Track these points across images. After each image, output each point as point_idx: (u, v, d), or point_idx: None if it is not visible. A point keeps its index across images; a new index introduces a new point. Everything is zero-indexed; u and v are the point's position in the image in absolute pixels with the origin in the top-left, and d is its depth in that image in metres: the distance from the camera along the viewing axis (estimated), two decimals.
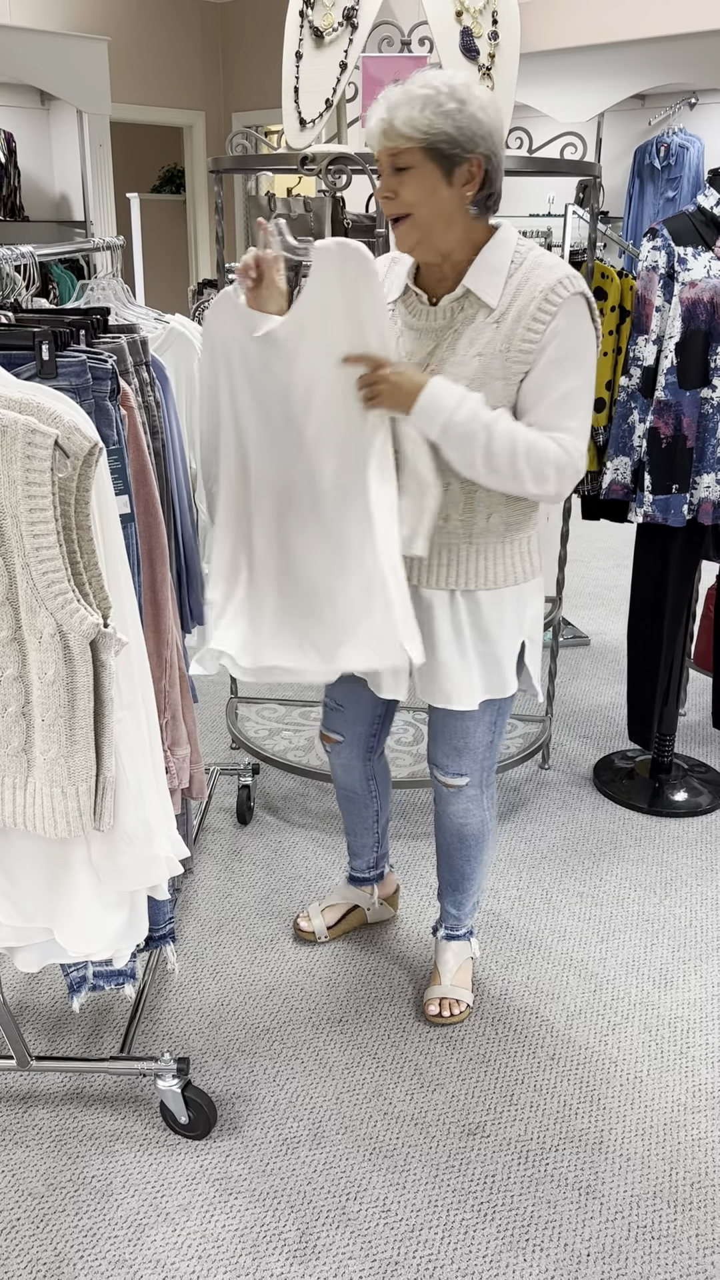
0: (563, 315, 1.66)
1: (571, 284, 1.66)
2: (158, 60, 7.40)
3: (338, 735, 2.18)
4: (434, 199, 1.63)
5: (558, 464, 1.68)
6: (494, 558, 1.82)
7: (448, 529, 1.81)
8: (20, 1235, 1.71)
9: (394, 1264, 1.67)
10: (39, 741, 1.48)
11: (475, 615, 1.85)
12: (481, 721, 1.95)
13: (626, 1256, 1.69)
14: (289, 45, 2.39)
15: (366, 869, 2.41)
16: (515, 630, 1.89)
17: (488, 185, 1.65)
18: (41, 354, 1.47)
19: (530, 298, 1.67)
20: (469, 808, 2.06)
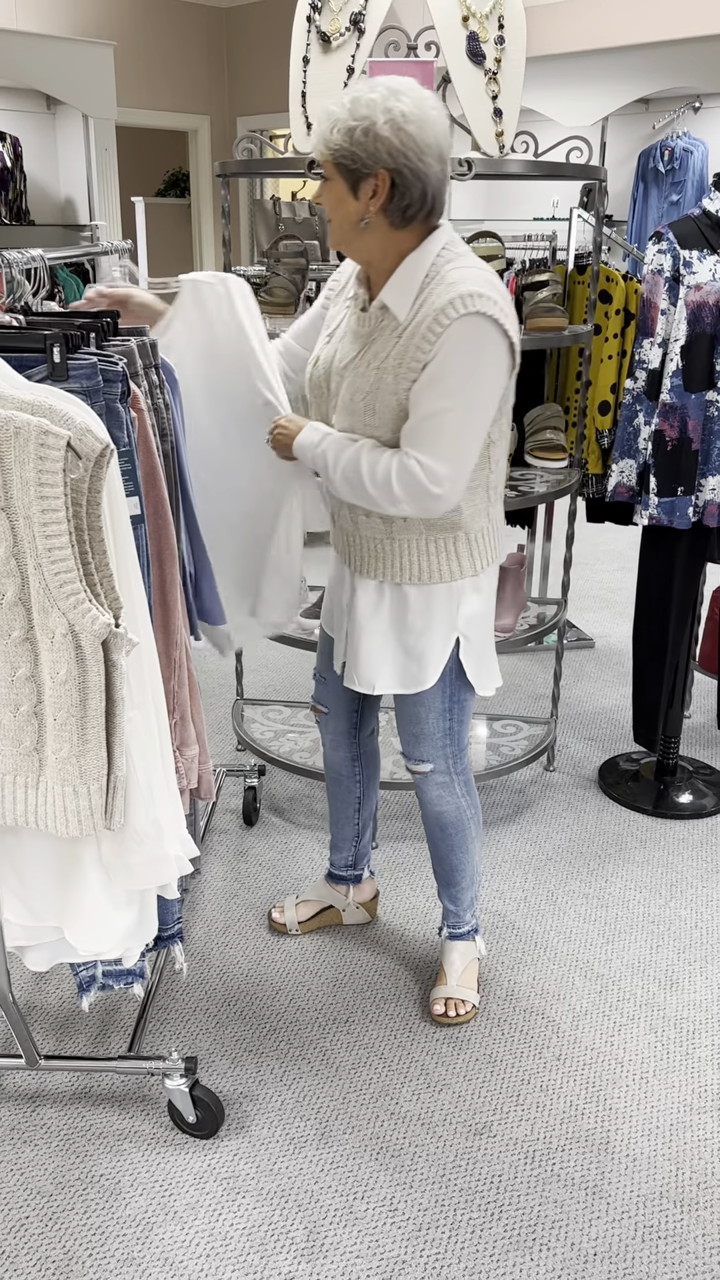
0: (449, 335, 1.68)
1: (465, 304, 1.67)
2: (163, 65, 7.43)
3: (324, 707, 2.26)
4: (341, 209, 1.72)
5: (401, 481, 1.73)
6: (416, 555, 1.88)
7: (370, 523, 1.89)
8: (29, 1233, 1.72)
9: (401, 1263, 1.68)
10: (51, 741, 1.49)
11: (400, 607, 1.93)
12: (433, 708, 2.00)
13: (633, 1256, 1.69)
14: (296, 50, 2.40)
15: (345, 866, 2.42)
16: (445, 627, 1.93)
17: (400, 198, 1.68)
18: (53, 356, 1.48)
19: (426, 315, 1.70)
20: (441, 794, 2.09)
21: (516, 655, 4.09)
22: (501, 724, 3.24)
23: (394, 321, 1.76)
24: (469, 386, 1.69)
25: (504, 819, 2.94)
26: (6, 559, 1.41)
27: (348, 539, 1.97)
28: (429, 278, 1.72)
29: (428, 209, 1.71)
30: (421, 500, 1.74)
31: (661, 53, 5.72)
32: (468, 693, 2.01)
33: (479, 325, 1.68)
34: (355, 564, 1.97)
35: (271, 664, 3.97)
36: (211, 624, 2.09)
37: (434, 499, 1.73)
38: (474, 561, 1.91)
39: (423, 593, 1.91)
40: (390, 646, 1.97)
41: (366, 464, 1.75)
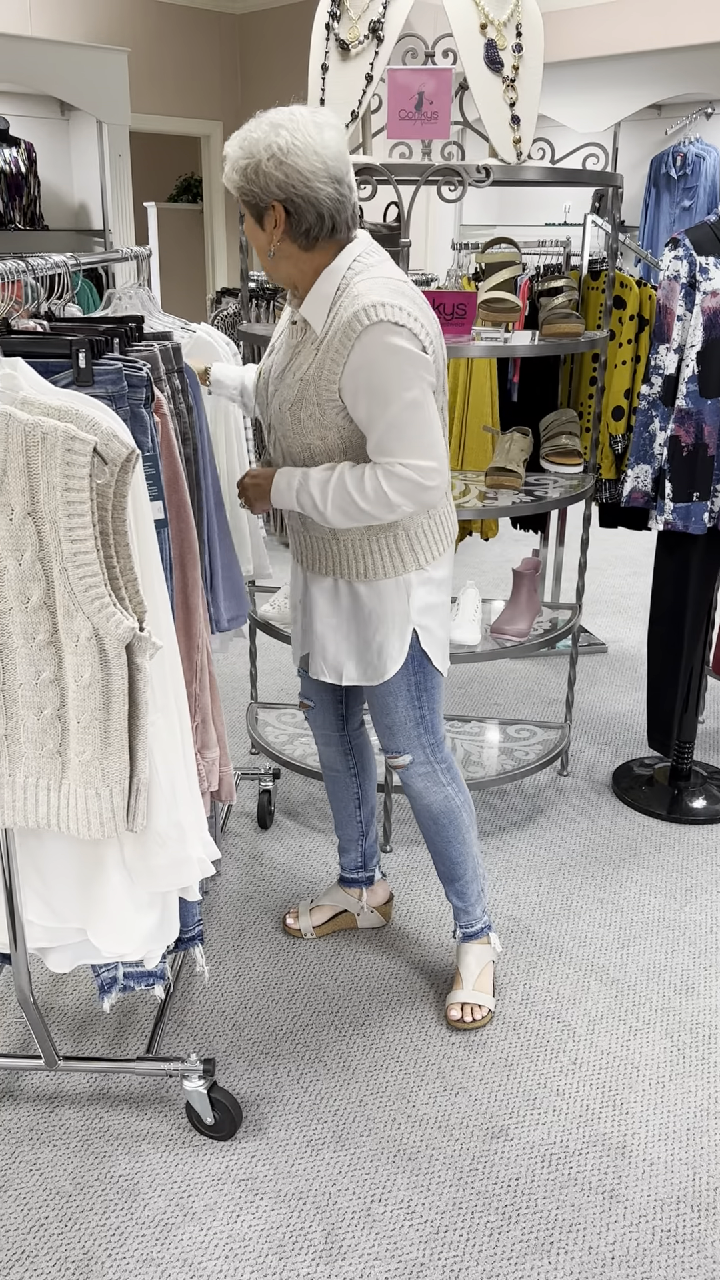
0: (358, 350, 1.74)
1: (369, 314, 1.72)
2: (176, 71, 7.46)
3: (310, 701, 2.30)
4: (255, 239, 1.83)
5: (394, 489, 1.79)
6: (360, 554, 1.95)
7: (316, 525, 1.97)
8: (49, 1233, 1.73)
9: (420, 1265, 1.69)
10: (74, 743, 1.50)
11: (354, 602, 2.00)
12: (400, 697, 2.04)
13: (651, 1261, 1.70)
14: (315, 57, 2.42)
15: (354, 868, 2.44)
16: (399, 619, 1.98)
17: (298, 224, 1.76)
18: (79, 362, 1.50)
19: (337, 329, 1.77)
20: (427, 785, 2.12)
21: (529, 660, 4.09)
22: (515, 729, 3.24)
23: (314, 335, 1.83)
24: (402, 384, 1.75)
25: (518, 824, 2.94)
26: (33, 563, 1.43)
27: (299, 540, 2.05)
28: (340, 291, 1.79)
29: (329, 227, 1.77)
30: (418, 497, 1.81)
31: (674, 59, 5.73)
32: (434, 680, 2.06)
33: (386, 330, 1.73)
34: (308, 563, 2.04)
35: (285, 668, 3.98)
36: (224, 630, 2.11)
37: (430, 492, 1.81)
38: (416, 557, 1.97)
39: (371, 588, 1.97)
40: (350, 640, 2.03)
41: (353, 486, 1.80)
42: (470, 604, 2.92)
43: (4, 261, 1.83)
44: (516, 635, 2.83)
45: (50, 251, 2.39)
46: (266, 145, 1.71)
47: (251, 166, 1.73)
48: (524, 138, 2.43)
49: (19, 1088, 2.01)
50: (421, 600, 1.99)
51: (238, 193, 1.78)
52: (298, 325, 1.88)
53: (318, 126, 1.72)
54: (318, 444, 1.85)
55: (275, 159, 1.70)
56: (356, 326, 1.73)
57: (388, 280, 1.77)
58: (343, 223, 1.78)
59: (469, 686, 3.85)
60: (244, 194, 1.77)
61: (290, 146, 1.70)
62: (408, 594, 1.97)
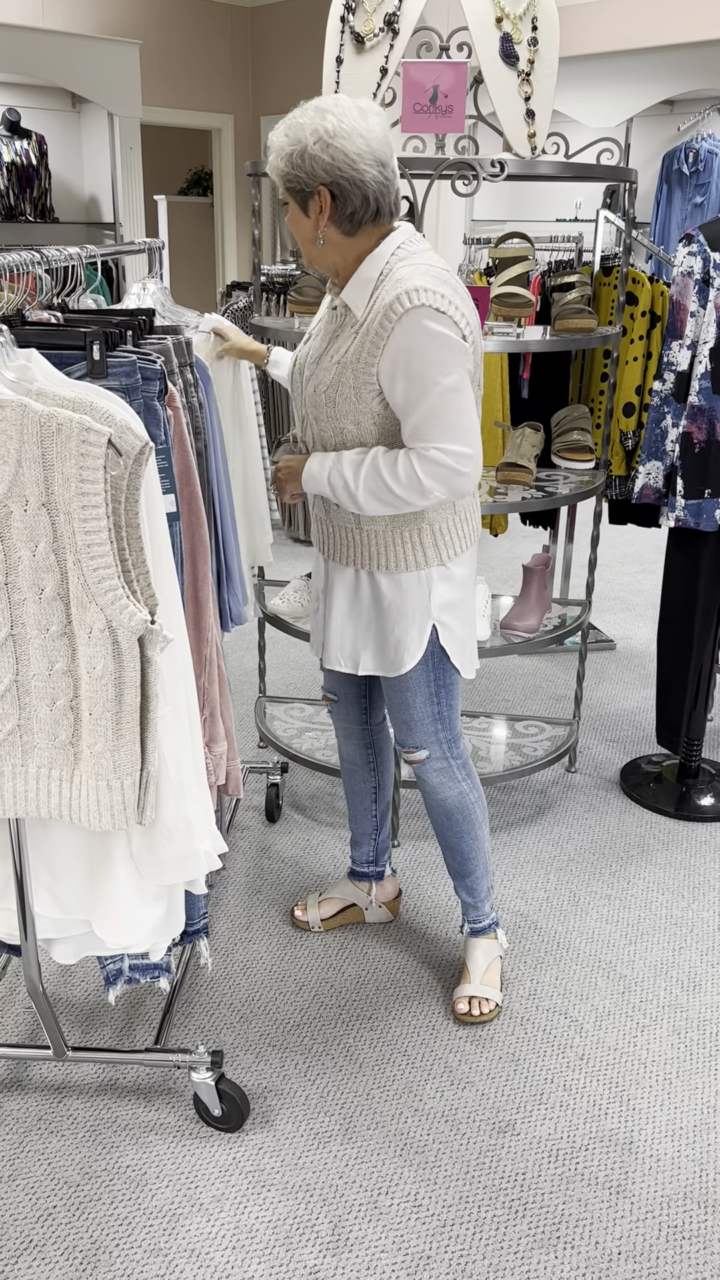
0: (399, 333, 1.75)
1: (410, 298, 1.73)
2: (188, 64, 7.45)
3: (333, 694, 2.30)
4: (300, 227, 1.83)
5: (429, 474, 1.79)
6: (384, 545, 1.94)
7: (340, 513, 1.97)
8: (57, 1223, 1.74)
9: (426, 1258, 1.69)
10: (86, 735, 1.50)
11: (374, 593, 1.99)
12: (419, 693, 2.04)
13: (657, 1256, 1.70)
14: (330, 50, 2.41)
15: (366, 862, 2.44)
16: (419, 614, 1.98)
17: (343, 208, 1.77)
18: (93, 354, 1.50)
19: (377, 313, 1.78)
20: (442, 781, 2.12)
21: (538, 657, 4.09)
22: (523, 725, 3.24)
23: (354, 319, 1.84)
24: (441, 369, 1.75)
25: (526, 819, 2.94)
26: (47, 554, 1.43)
27: (322, 528, 2.04)
28: (382, 276, 1.80)
29: (373, 211, 1.79)
30: (453, 483, 1.80)
31: (687, 54, 5.71)
32: (453, 677, 2.06)
33: (427, 315, 1.74)
34: (330, 552, 2.03)
35: (294, 662, 3.98)
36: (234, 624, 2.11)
37: (464, 479, 1.80)
38: (439, 552, 1.96)
39: (393, 580, 1.97)
40: (368, 630, 2.03)
41: (386, 469, 1.80)
42: (480, 600, 2.91)
43: (18, 253, 1.83)
44: (526, 631, 2.83)
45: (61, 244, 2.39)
46: (313, 130, 1.72)
47: (298, 152, 1.73)
48: (539, 132, 2.42)
49: (28, 1078, 2.02)
50: (442, 596, 1.99)
51: (283, 180, 1.78)
52: (337, 311, 1.89)
53: (362, 112, 1.74)
54: (351, 429, 1.84)
55: (322, 142, 1.71)
56: (398, 309, 1.74)
57: (430, 267, 1.78)
58: (386, 207, 1.79)
59: (477, 682, 3.85)
60: (289, 180, 1.77)
61: (337, 130, 1.71)
62: (429, 589, 1.97)
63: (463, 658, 2.05)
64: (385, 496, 1.81)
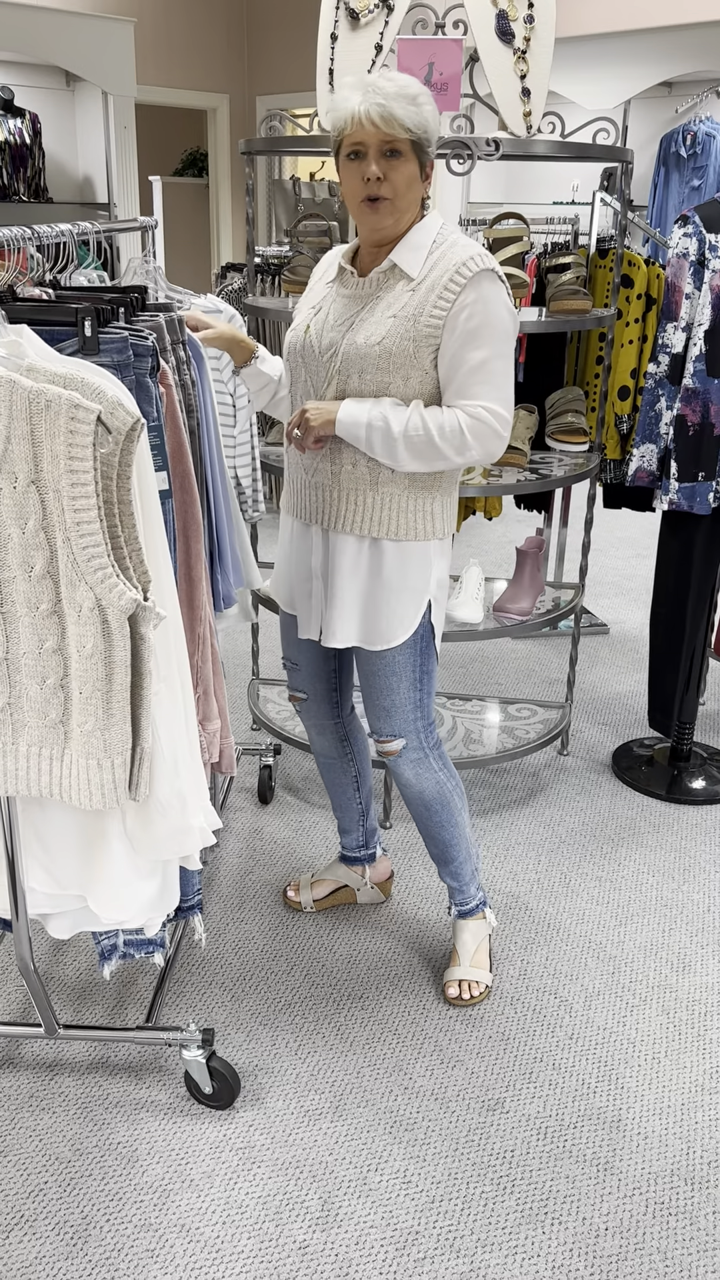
0: (471, 289, 1.79)
1: (480, 261, 1.79)
2: (183, 43, 7.39)
3: (301, 693, 2.27)
4: (412, 189, 1.81)
5: (473, 431, 1.81)
6: (398, 509, 1.93)
7: (355, 474, 1.92)
8: (48, 1198, 1.75)
9: (414, 1234, 1.70)
10: (76, 714, 1.50)
11: (377, 563, 1.96)
12: (405, 677, 2.03)
13: (644, 1232, 1.71)
14: (324, 26, 2.39)
15: (356, 847, 2.44)
16: (419, 587, 1.97)
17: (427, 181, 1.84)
18: (84, 330, 1.49)
19: (444, 270, 1.81)
20: (419, 772, 2.11)
21: (531, 640, 4.09)
22: (516, 708, 3.25)
23: (403, 278, 1.84)
24: (499, 336, 1.80)
25: (518, 802, 2.95)
26: (36, 532, 1.42)
27: (323, 495, 1.95)
28: (436, 244, 1.84)
29: None
30: (490, 444, 1.82)
31: (685, 36, 5.67)
32: (434, 663, 2.06)
33: (492, 280, 1.80)
34: (331, 520, 1.96)
35: None
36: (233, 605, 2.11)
37: (500, 441, 1.83)
38: (444, 524, 1.98)
39: (399, 550, 1.95)
40: (363, 602, 1.99)
41: (433, 422, 1.80)
42: (473, 582, 2.91)
43: (8, 229, 1.81)
44: (519, 614, 2.83)
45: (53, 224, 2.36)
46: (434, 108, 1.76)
47: (433, 113, 1.76)
48: (534, 111, 2.41)
49: (19, 1055, 2.03)
50: (439, 571, 2.00)
51: (418, 135, 1.75)
52: (369, 278, 1.87)
53: None
54: (398, 384, 1.83)
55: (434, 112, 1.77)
56: (473, 267, 1.78)
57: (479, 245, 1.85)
58: None
59: (470, 665, 3.85)
60: (424, 138, 1.77)
61: None
62: (430, 563, 1.97)
63: (439, 635, 2.07)
64: (423, 449, 1.81)
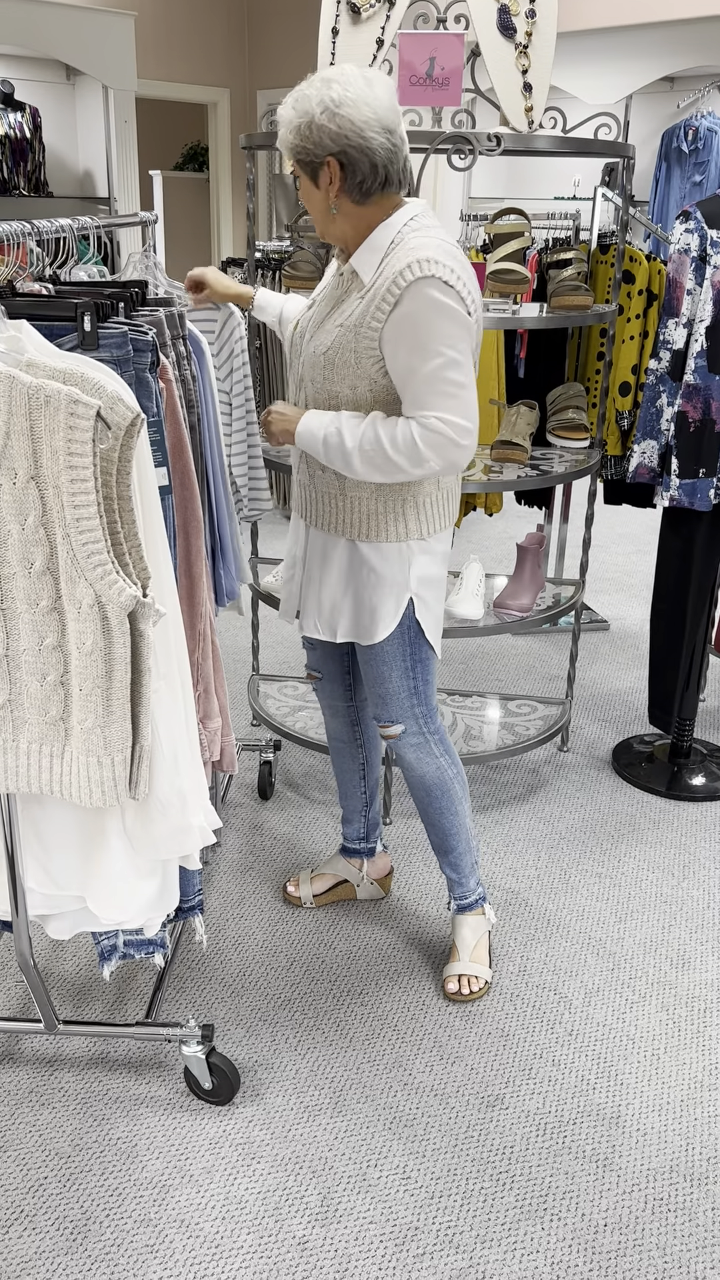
0: (408, 299, 1.75)
1: (420, 268, 1.74)
2: (184, 37, 7.37)
3: (318, 672, 2.30)
4: (311, 200, 1.84)
5: (427, 442, 1.78)
6: (368, 514, 1.94)
7: (325, 478, 1.96)
8: (48, 1193, 1.75)
9: (414, 1229, 1.70)
10: (76, 711, 1.50)
11: (354, 560, 1.98)
12: (395, 667, 2.04)
13: (643, 1228, 1.71)
14: (325, 20, 2.39)
15: (357, 838, 2.45)
16: (397, 585, 1.98)
17: (352, 177, 1.78)
18: (84, 325, 1.49)
19: (385, 279, 1.78)
20: (419, 756, 2.12)
21: (532, 636, 4.09)
22: (516, 704, 3.24)
23: (360, 284, 1.84)
24: (445, 341, 1.76)
25: (518, 798, 2.95)
26: (36, 528, 1.42)
27: (305, 493, 2.02)
28: (394, 244, 1.80)
29: (382, 179, 1.79)
30: (449, 454, 1.80)
31: (687, 31, 5.65)
32: (428, 652, 2.06)
33: (435, 285, 1.74)
34: (311, 517, 2.02)
35: (287, 640, 3.98)
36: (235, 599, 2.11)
37: (461, 450, 1.80)
38: (420, 525, 1.96)
39: (374, 549, 1.96)
40: (346, 597, 2.02)
41: (385, 435, 1.79)
42: (474, 578, 2.91)
43: (8, 224, 1.81)
44: (519, 610, 2.83)
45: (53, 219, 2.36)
46: (320, 100, 1.73)
47: (305, 123, 1.74)
48: (536, 106, 2.40)
49: (19, 1051, 2.03)
50: (421, 570, 1.99)
51: (292, 153, 1.79)
52: (344, 277, 1.89)
53: (367, 80, 1.74)
54: (346, 394, 1.84)
55: (329, 112, 1.72)
56: (408, 276, 1.74)
57: (442, 242, 1.79)
58: (395, 175, 1.80)
59: (471, 661, 3.85)
60: (299, 153, 1.78)
61: (342, 99, 1.72)
62: (409, 561, 1.97)
63: (435, 635, 2.06)
64: (379, 462, 1.80)
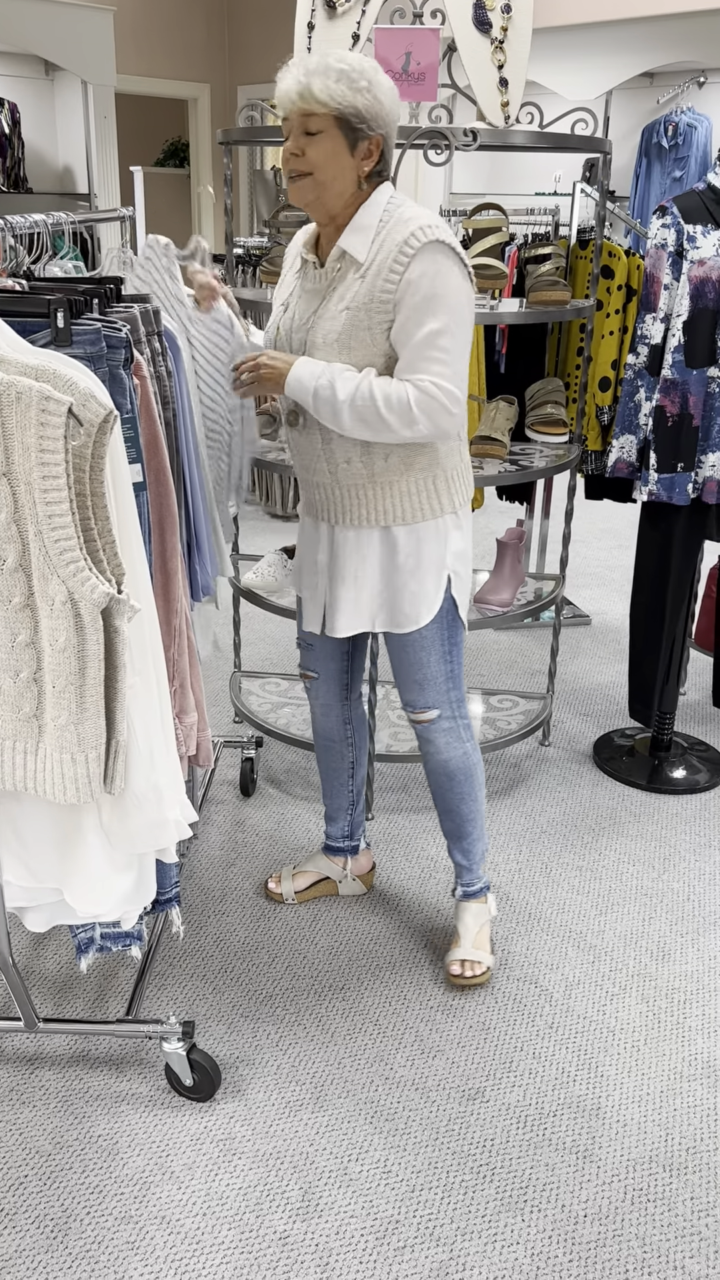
0: (416, 263, 1.76)
1: (426, 233, 1.76)
2: (163, 31, 7.34)
3: (313, 672, 2.28)
4: (335, 164, 1.77)
5: (420, 405, 1.78)
6: (401, 496, 1.93)
7: (350, 471, 1.93)
8: (28, 1191, 1.74)
9: (394, 1222, 1.71)
10: (50, 708, 1.50)
11: (389, 550, 1.97)
12: (434, 651, 2.04)
13: (622, 1218, 1.72)
14: (301, 15, 2.38)
15: (341, 837, 2.45)
16: (436, 565, 1.98)
17: (381, 161, 1.82)
18: (57, 321, 1.48)
19: (388, 251, 1.79)
20: (449, 741, 2.13)
21: (513, 631, 4.10)
22: (498, 699, 3.25)
23: (354, 265, 1.83)
24: (450, 306, 1.77)
25: (499, 792, 2.95)
26: (7, 525, 1.42)
27: (325, 493, 1.99)
28: (383, 221, 1.81)
29: (388, 174, 1.86)
30: (440, 420, 1.80)
31: (667, 26, 5.67)
32: (461, 634, 2.07)
33: (442, 250, 1.76)
34: (335, 516, 1.99)
35: (269, 637, 3.98)
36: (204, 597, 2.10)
37: (451, 418, 1.80)
38: (452, 499, 1.97)
39: (411, 532, 1.95)
40: (382, 590, 2.01)
41: (380, 392, 1.78)
42: None
43: None
44: (500, 605, 2.84)
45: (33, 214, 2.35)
46: (377, 79, 1.73)
47: (367, 87, 1.72)
48: (512, 101, 2.40)
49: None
50: (455, 544, 1.99)
51: (342, 107, 1.72)
52: (324, 269, 1.86)
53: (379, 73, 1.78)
54: None
55: (390, 93, 1.74)
56: (415, 242, 1.75)
57: (430, 213, 1.82)
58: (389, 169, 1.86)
59: None
60: (350, 111, 1.72)
61: (390, 88, 1.75)
62: (446, 537, 1.97)
63: (465, 611, 2.07)
64: (369, 418, 1.79)
